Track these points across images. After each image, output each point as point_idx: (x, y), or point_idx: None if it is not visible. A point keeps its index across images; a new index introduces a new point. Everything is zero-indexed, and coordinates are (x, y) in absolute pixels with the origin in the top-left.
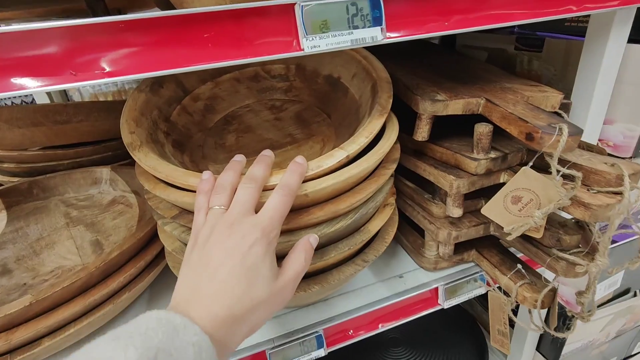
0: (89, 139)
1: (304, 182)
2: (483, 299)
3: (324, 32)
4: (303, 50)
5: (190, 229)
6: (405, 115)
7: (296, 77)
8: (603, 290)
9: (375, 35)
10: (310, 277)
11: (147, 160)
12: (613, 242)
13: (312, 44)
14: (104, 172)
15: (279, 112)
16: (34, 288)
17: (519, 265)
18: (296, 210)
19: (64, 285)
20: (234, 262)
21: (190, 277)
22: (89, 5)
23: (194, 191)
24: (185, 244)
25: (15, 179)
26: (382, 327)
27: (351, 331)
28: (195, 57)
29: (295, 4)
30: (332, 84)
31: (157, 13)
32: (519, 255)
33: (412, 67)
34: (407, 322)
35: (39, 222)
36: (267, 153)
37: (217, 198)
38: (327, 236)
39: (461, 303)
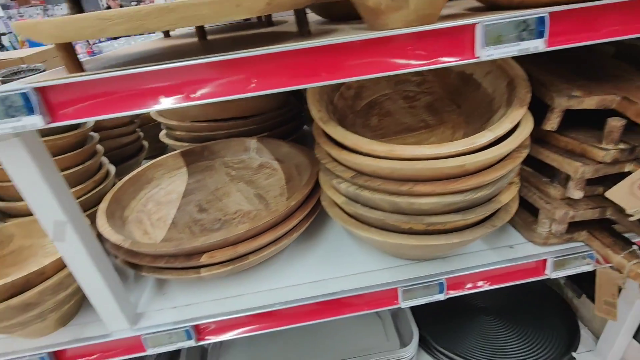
0: (240, 115)
1: (461, 155)
2: (576, 283)
3: (497, 45)
4: (478, 58)
5: (364, 188)
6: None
7: (429, 72)
8: None
9: (537, 45)
10: (451, 232)
11: (337, 130)
12: None
13: (487, 53)
14: (252, 142)
15: (413, 102)
16: (228, 222)
17: (635, 247)
18: (452, 178)
19: (266, 221)
20: None
21: None
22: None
23: (375, 156)
24: (358, 202)
25: (183, 144)
26: (490, 286)
27: (469, 284)
28: (392, 66)
29: (477, 24)
30: (463, 79)
31: (370, 35)
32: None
33: (543, 63)
34: (497, 295)
35: (211, 177)
36: None
37: None
38: (471, 201)
39: (553, 287)
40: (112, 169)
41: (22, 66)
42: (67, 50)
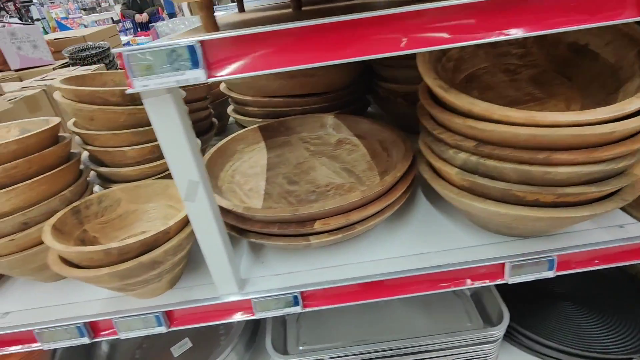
0: (315, 91)
1: (609, 122)
2: None
3: None
4: None
5: (489, 157)
6: None
7: (534, 44)
8: None
9: None
10: (581, 205)
11: (461, 98)
12: None
13: None
14: (329, 118)
15: (514, 75)
16: (322, 194)
17: None
18: (597, 145)
19: (375, 191)
20: None
21: None
22: None
23: (508, 123)
24: (476, 172)
25: (256, 120)
26: (599, 265)
27: (579, 263)
28: (557, 23)
29: None
30: (575, 50)
31: None
32: None
33: None
34: (573, 282)
35: (291, 152)
36: None
37: None
38: (609, 172)
39: (630, 274)
40: (199, 142)
41: (88, 43)
42: (209, 9)
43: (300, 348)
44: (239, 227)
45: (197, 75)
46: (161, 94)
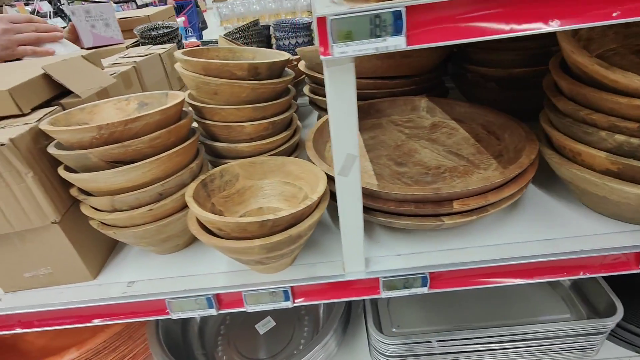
0: (407, 73)
1: None
2: None
3: None
4: None
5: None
6: None
7: None
8: None
9: None
10: None
11: (630, 76)
12: None
13: None
14: (422, 101)
15: None
16: (437, 176)
17: None
18: None
19: (514, 173)
20: None
21: None
22: None
23: None
24: (633, 156)
25: None
26: None
27: None
28: None
29: None
30: None
31: None
32: None
33: None
34: None
35: (384, 134)
36: None
37: None
38: None
39: None
40: (299, 124)
41: (157, 23)
42: None
43: (394, 330)
44: (365, 206)
45: (398, 43)
46: (346, 62)
